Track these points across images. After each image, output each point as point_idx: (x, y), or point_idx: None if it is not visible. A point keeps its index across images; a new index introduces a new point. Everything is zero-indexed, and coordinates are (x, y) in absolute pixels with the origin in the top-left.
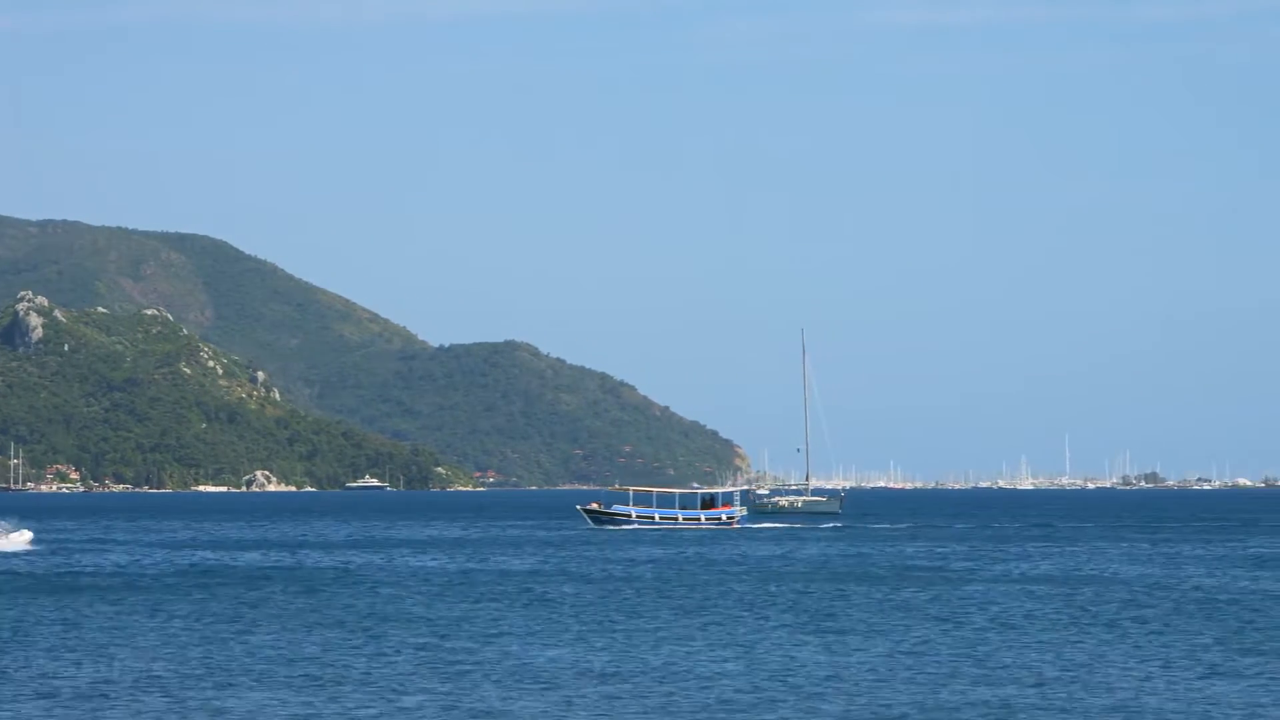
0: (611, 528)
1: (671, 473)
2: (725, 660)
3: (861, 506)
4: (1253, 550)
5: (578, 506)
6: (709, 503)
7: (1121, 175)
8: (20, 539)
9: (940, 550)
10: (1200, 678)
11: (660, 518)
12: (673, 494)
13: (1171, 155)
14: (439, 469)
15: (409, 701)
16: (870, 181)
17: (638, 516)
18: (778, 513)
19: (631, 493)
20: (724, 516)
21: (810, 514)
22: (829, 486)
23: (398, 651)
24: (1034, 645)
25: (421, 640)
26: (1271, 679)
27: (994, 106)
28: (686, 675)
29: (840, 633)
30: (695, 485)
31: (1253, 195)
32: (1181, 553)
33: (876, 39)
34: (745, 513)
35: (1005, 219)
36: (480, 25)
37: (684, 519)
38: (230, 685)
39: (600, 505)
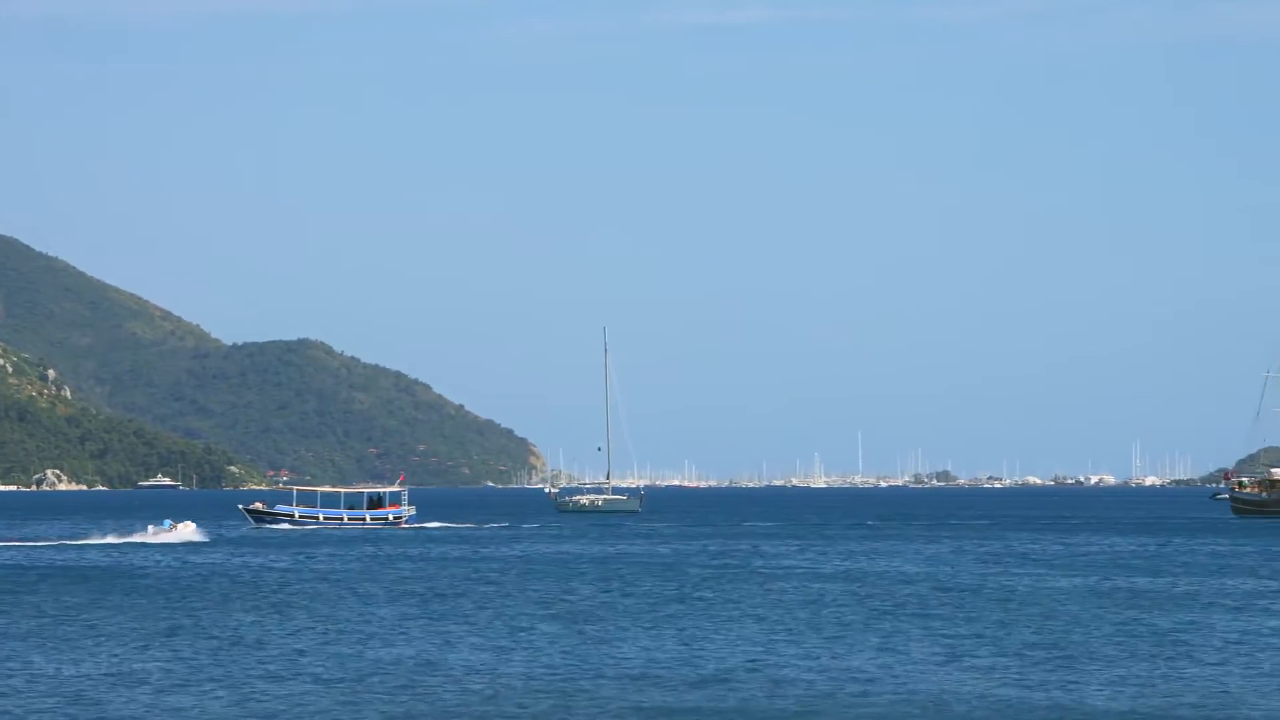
0: (273, 527)
1: (467, 471)
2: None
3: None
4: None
5: (239, 506)
6: (376, 502)
7: (907, 178)
8: (187, 530)
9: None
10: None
11: (324, 518)
12: (338, 494)
13: (956, 155)
14: (232, 468)
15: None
16: (668, 181)
17: (301, 516)
18: (579, 511)
19: (295, 492)
20: (390, 516)
21: (611, 512)
22: (625, 485)
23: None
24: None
25: None
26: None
27: (790, 104)
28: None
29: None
30: (489, 483)
31: (1024, 196)
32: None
33: (669, 38)
34: (413, 512)
35: (802, 222)
36: (267, 21)
37: (349, 519)
38: None
39: (264, 505)
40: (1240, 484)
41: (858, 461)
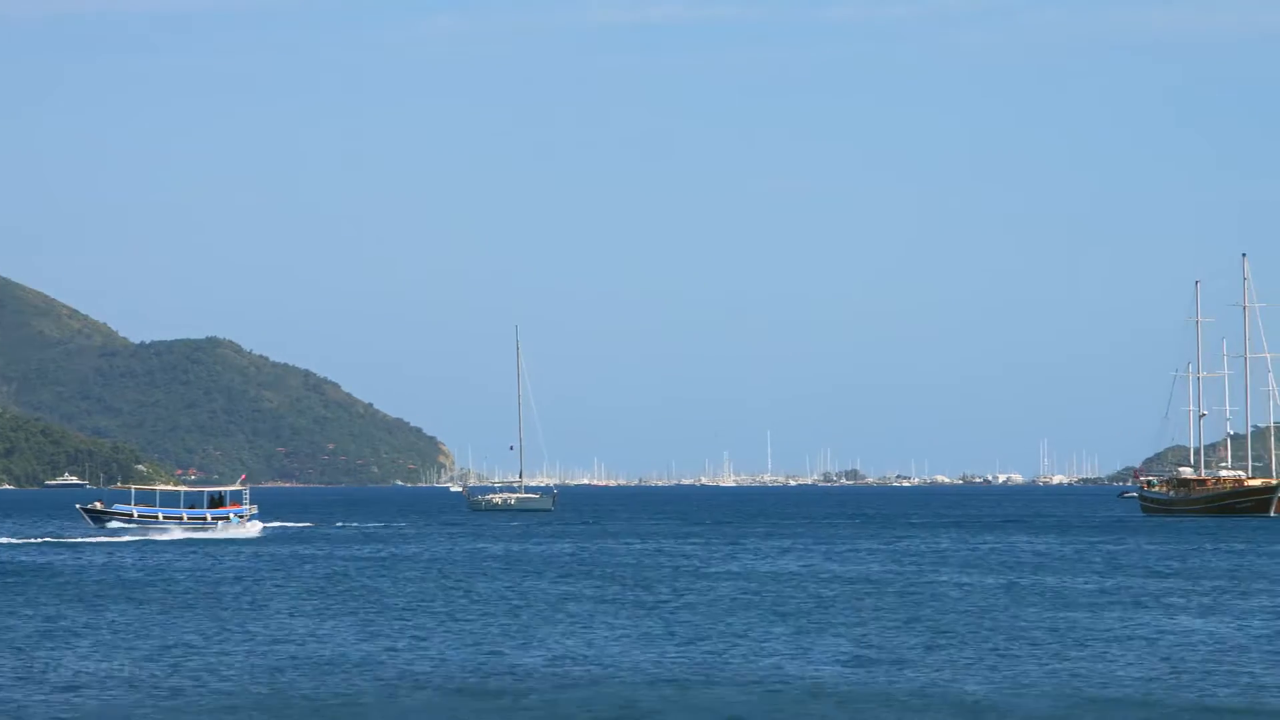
0: (113, 526)
1: (376, 470)
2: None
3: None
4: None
5: (77, 505)
6: (217, 501)
7: (818, 179)
8: (254, 528)
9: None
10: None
11: (164, 517)
12: (177, 493)
13: (879, 157)
14: (140, 467)
15: None
16: (578, 179)
17: (140, 515)
18: (493, 510)
19: (134, 490)
20: (232, 515)
21: (525, 511)
22: (535, 484)
23: None
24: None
25: None
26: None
27: (704, 102)
28: None
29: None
30: (398, 482)
31: (934, 201)
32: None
33: (581, 36)
34: (255, 511)
35: (712, 223)
36: (174, 20)
37: (189, 518)
38: None
39: (102, 504)
40: (1149, 483)
41: (766, 461)
